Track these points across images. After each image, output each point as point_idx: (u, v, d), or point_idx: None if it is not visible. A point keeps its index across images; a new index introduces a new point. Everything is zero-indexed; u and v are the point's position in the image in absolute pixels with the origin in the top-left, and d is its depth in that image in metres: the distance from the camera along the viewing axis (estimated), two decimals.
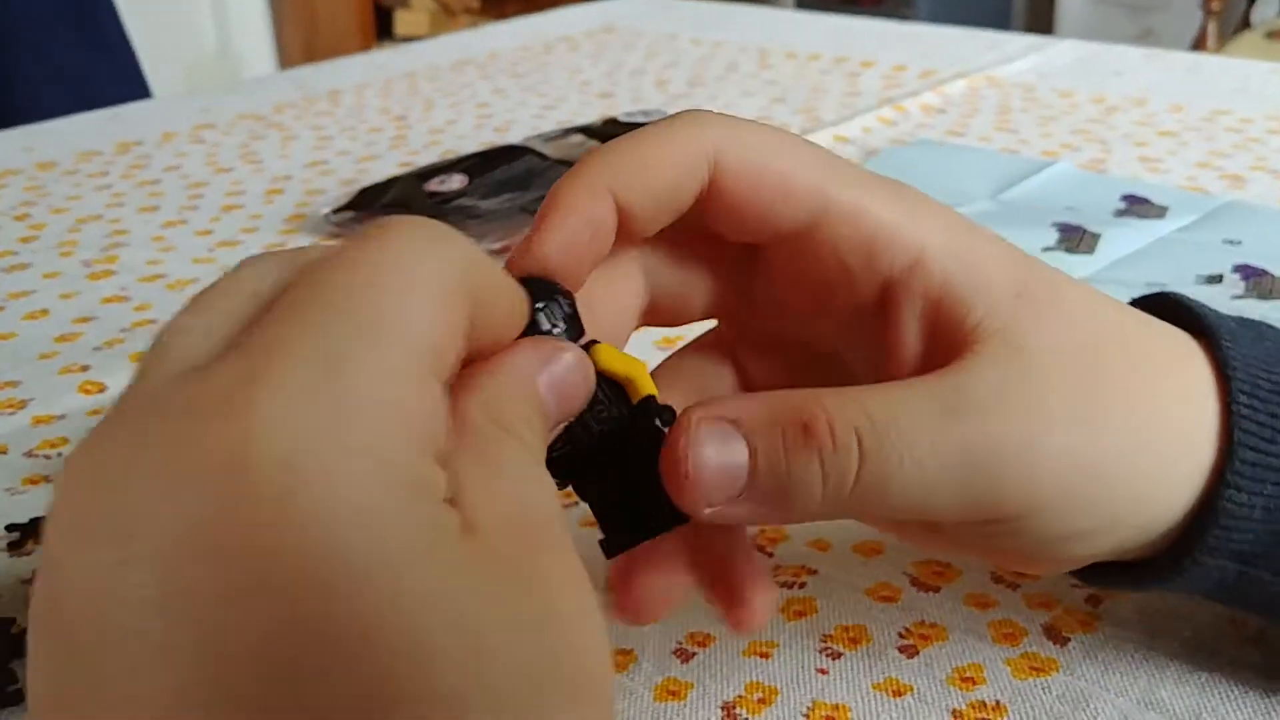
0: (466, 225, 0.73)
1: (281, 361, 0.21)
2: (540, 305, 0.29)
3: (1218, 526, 0.33)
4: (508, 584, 0.22)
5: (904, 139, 0.92)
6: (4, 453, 0.53)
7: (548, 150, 0.82)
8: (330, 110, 1.03)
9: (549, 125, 0.96)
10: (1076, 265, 0.68)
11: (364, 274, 0.22)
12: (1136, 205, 0.76)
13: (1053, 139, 0.90)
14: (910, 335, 0.32)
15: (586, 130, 0.85)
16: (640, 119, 0.90)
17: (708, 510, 0.30)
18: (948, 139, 0.91)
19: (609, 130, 0.86)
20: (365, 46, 3.65)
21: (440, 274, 0.23)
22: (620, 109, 1.00)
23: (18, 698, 0.39)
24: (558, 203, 0.30)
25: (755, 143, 0.31)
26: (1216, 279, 0.66)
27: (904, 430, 0.29)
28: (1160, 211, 0.75)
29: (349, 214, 0.77)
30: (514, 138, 0.93)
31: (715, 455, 0.29)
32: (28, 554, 0.47)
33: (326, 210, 0.77)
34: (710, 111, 0.32)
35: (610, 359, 0.30)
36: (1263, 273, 0.66)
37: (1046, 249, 0.70)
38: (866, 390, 0.30)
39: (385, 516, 0.20)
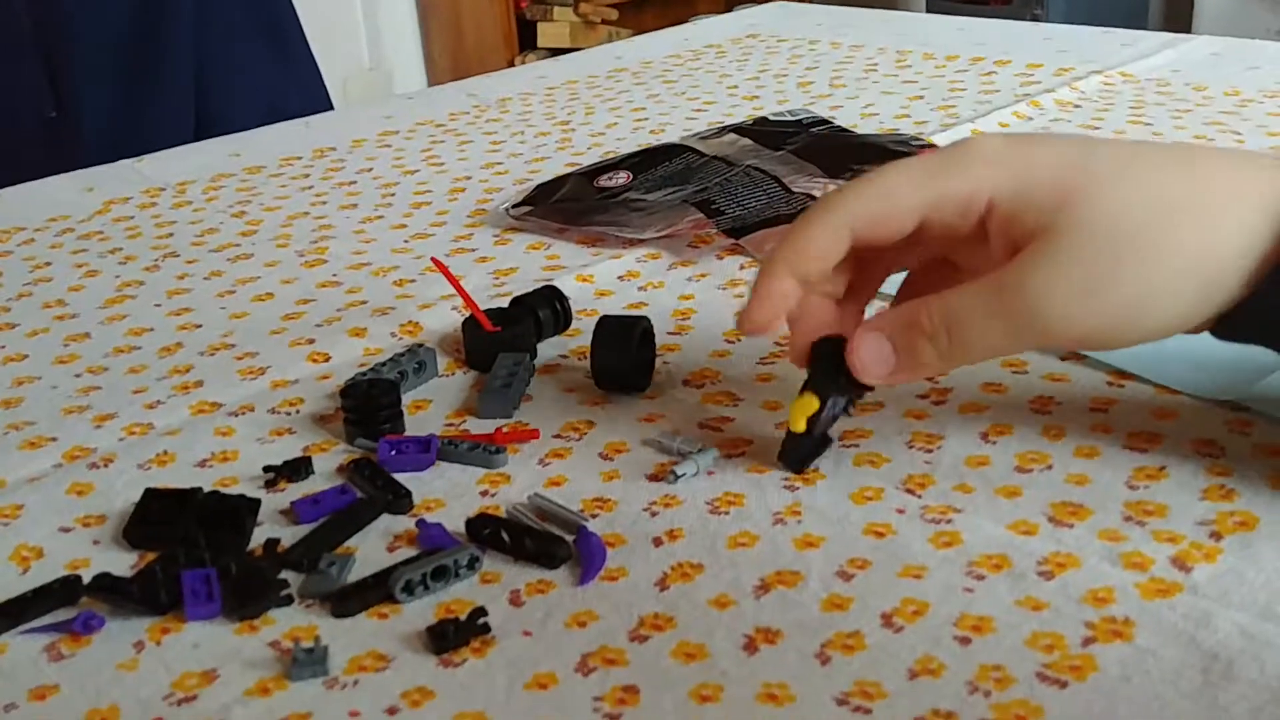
0: (631, 217, 0.80)
1: None
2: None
3: None
4: None
5: (1042, 133, 0.96)
6: (253, 410, 0.62)
7: (703, 148, 0.88)
8: (500, 117, 1.12)
9: (701, 126, 1.03)
10: None
11: None
12: None
13: (1186, 131, 0.94)
14: (999, 249, 0.48)
15: (738, 129, 0.92)
16: (788, 118, 0.96)
17: (876, 380, 0.50)
18: (1083, 132, 0.96)
19: (759, 128, 0.92)
20: (510, 59, 3.78)
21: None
22: (767, 109, 1.06)
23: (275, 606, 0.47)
24: (799, 235, 0.50)
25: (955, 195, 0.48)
26: None
27: (969, 309, 0.47)
28: None
29: (526, 209, 0.85)
30: (670, 138, 1.00)
31: (872, 352, 0.50)
32: (281, 490, 0.55)
33: (506, 206, 0.86)
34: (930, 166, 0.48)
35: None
36: None
37: None
38: (952, 290, 0.48)
39: None
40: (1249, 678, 0.40)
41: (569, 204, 0.84)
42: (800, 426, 0.52)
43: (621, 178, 0.85)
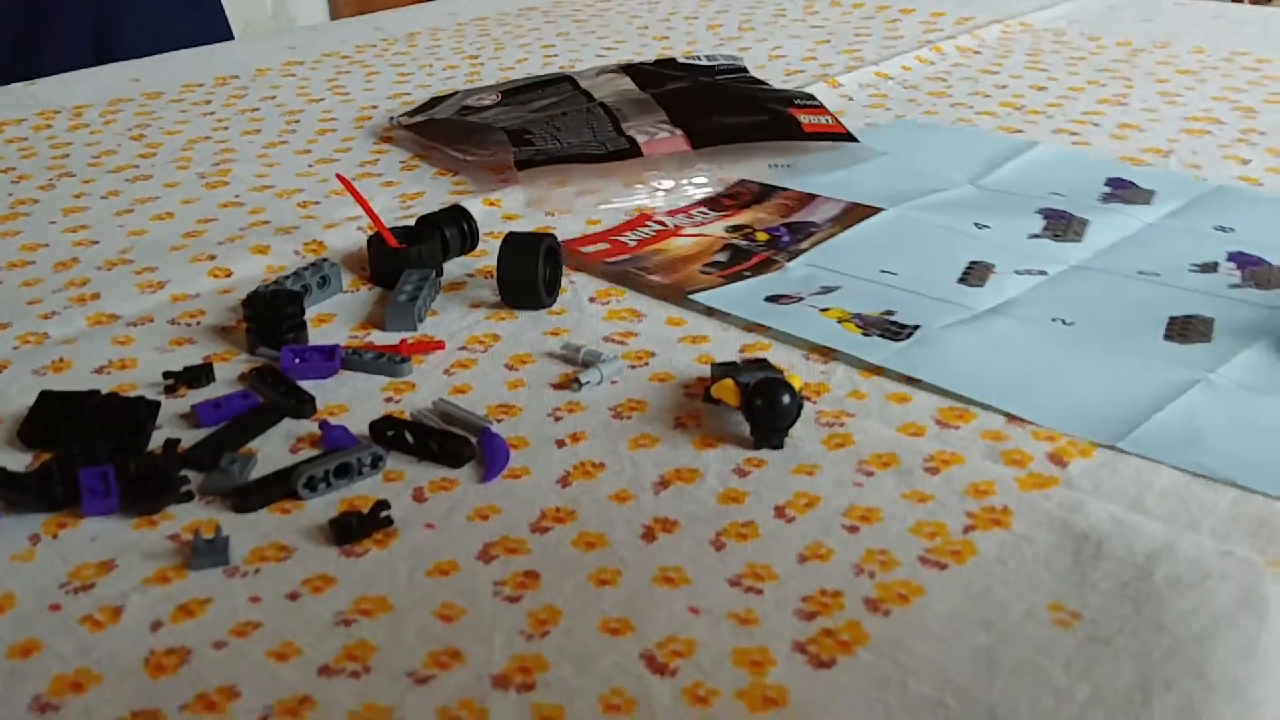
0: (472, 136, 0.82)
1: None
2: None
3: None
4: None
5: (942, 77, 0.98)
6: (152, 320, 0.62)
7: (583, 82, 0.88)
8: (407, 50, 1.11)
9: (610, 64, 1.03)
10: (1066, 253, 0.66)
11: None
12: (1122, 190, 0.74)
13: (1080, 77, 0.97)
14: None
15: (628, 68, 0.91)
16: (703, 62, 0.97)
17: None
18: (981, 77, 0.98)
19: (652, 69, 0.92)
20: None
21: None
22: (677, 50, 1.07)
23: (188, 497, 0.47)
24: None
25: None
26: (1211, 267, 0.64)
27: None
28: (1147, 196, 0.73)
29: (418, 118, 0.86)
30: None
31: None
32: (181, 396, 0.55)
33: (398, 116, 0.88)
34: None
35: None
36: (1259, 261, 0.64)
37: (1033, 236, 0.68)
38: None
39: None
40: (1117, 556, 0.43)
41: (436, 118, 0.85)
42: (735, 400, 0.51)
43: (489, 99, 0.86)
